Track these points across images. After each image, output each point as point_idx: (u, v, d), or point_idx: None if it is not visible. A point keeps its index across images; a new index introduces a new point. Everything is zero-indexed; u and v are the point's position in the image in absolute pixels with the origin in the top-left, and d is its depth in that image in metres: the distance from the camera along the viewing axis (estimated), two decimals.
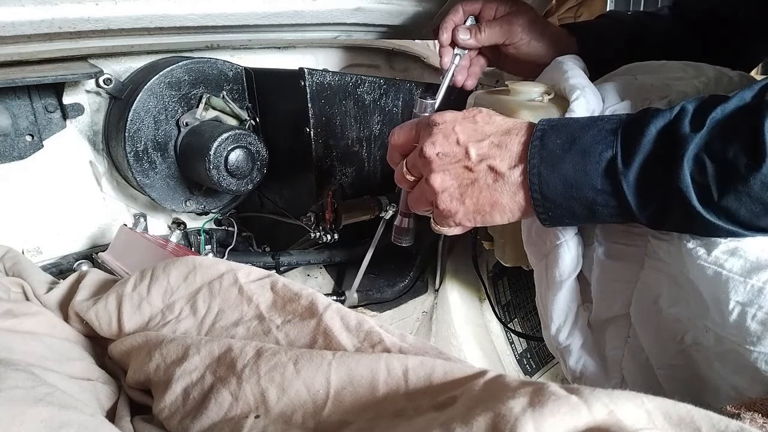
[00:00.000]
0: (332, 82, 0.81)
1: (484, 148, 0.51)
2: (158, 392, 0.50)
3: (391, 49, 1.11)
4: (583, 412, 0.32)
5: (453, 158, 0.52)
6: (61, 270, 0.87)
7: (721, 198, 0.43)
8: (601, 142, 0.47)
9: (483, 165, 0.51)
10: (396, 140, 0.58)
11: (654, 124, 0.46)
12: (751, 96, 0.45)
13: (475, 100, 0.73)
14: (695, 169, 0.44)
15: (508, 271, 1.09)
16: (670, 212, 0.47)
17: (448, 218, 0.54)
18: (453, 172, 0.52)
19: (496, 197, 0.52)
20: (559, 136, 0.49)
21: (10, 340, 0.54)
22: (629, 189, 0.46)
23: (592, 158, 0.47)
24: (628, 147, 0.46)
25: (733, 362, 0.49)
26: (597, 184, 0.47)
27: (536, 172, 0.49)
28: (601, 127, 0.48)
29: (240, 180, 0.83)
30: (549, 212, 0.50)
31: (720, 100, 0.45)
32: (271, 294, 0.56)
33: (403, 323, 1.09)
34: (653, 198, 0.46)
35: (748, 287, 0.45)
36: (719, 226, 0.45)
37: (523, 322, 1.12)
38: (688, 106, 0.46)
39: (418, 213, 0.60)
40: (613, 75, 0.68)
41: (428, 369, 0.43)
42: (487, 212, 0.53)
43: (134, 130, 0.82)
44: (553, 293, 0.61)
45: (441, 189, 0.53)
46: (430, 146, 0.53)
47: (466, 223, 0.55)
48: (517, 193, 0.51)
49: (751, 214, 0.43)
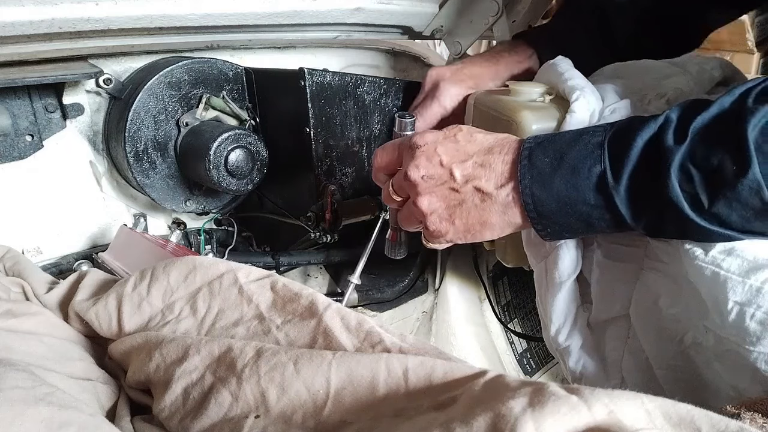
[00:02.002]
0: (332, 82, 0.81)
1: (468, 168, 0.52)
2: (158, 392, 0.50)
3: (391, 49, 1.11)
4: (583, 412, 0.32)
5: (438, 180, 0.52)
6: (61, 270, 0.87)
7: (712, 205, 0.44)
8: (588, 156, 0.47)
9: (469, 186, 0.52)
10: (379, 162, 0.59)
11: (640, 137, 0.46)
12: (730, 102, 0.45)
13: (475, 100, 0.73)
14: (683, 178, 0.44)
15: (508, 271, 1.09)
16: (665, 222, 0.47)
17: (438, 237, 0.55)
18: (439, 194, 0.53)
19: (486, 217, 0.52)
20: (546, 153, 0.49)
21: (10, 340, 0.54)
22: (622, 203, 0.47)
23: (582, 174, 0.47)
24: (615, 161, 0.46)
25: (733, 362, 0.49)
26: (590, 199, 0.47)
27: (529, 192, 0.49)
28: (587, 141, 0.48)
29: (240, 180, 0.83)
30: (547, 228, 0.51)
31: (701, 108, 0.45)
32: (271, 294, 0.56)
33: (403, 323, 1.09)
34: (647, 209, 0.47)
35: (746, 287, 0.45)
36: (714, 231, 0.45)
37: (523, 322, 1.12)
38: (671, 115, 0.46)
39: (409, 230, 0.61)
40: (601, 77, 0.68)
41: (428, 369, 0.43)
42: (478, 231, 0.53)
43: (134, 130, 0.82)
44: (553, 294, 0.61)
45: (429, 211, 0.53)
46: (414, 169, 0.53)
47: (457, 241, 0.55)
48: (506, 211, 0.51)
49: (742, 219, 0.44)
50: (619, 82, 0.65)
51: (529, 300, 1.11)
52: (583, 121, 0.59)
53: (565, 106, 0.61)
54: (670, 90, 0.61)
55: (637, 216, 0.47)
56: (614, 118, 0.59)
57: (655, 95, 0.61)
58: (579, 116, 0.59)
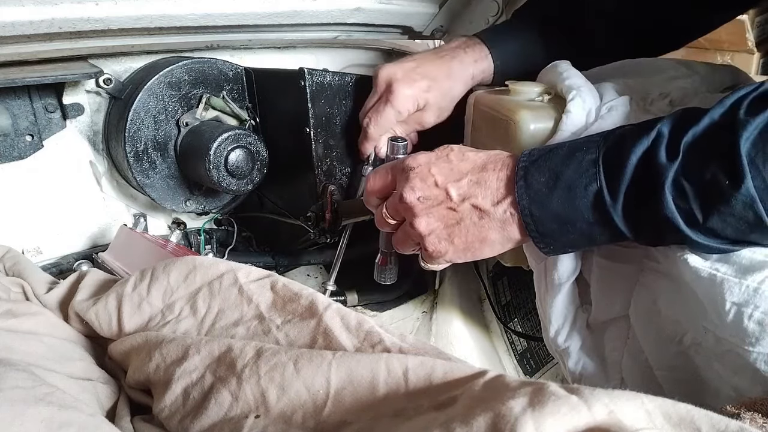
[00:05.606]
0: (332, 82, 0.81)
1: (463, 187, 0.52)
2: (158, 392, 0.50)
3: (391, 49, 1.11)
4: (583, 412, 0.32)
5: (434, 201, 0.52)
6: (61, 270, 0.87)
7: (706, 220, 0.44)
8: (583, 175, 0.47)
9: (466, 204, 0.52)
10: (372, 186, 0.58)
11: (634, 153, 0.46)
12: (720, 114, 0.44)
13: (475, 100, 0.73)
14: (677, 195, 0.44)
15: (508, 271, 1.09)
16: (663, 236, 0.47)
17: (437, 258, 0.55)
18: (437, 214, 0.53)
19: (485, 234, 0.52)
20: (542, 173, 0.49)
21: (11, 340, 0.54)
22: (620, 220, 0.47)
23: (579, 193, 0.47)
24: (611, 179, 0.46)
25: (733, 363, 0.49)
26: (589, 217, 0.48)
27: (528, 213, 0.49)
28: (581, 159, 0.48)
29: (240, 180, 0.83)
30: (550, 246, 0.51)
31: (692, 120, 0.45)
32: (271, 294, 0.56)
33: (403, 323, 1.09)
34: (645, 225, 0.47)
35: (743, 288, 0.45)
36: (711, 245, 0.45)
37: (523, 322, 1.12)
38: (663, 129, 0.46)
39: (405, 253, 0.60)
40: (606, 75, 0.68)
41: (428, 369, 0.43)
42: (477, 248, 0.53)
43: (134, 130, 0.82)
44: (552, 296, 0.61)
45: (427, 232, 0.53)
46: (410, 192, 0.53)
47: (456, 261, 0.55)
48: (504, 227, 0.51)
49: (737, 232, 0.44)
50: (621, 81, 0.65)
51: (529, 300, 1.11)
52: (580, 121, 0.59)
53: (563, 106, 0.61)
54: (674, 90, 0.61)
55: (635, 232, 0.48)
56: (611, 115, 0.59)
57: (658, 95, 0.61)
58: (575, 115, 0.59)
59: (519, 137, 0.62)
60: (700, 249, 0.47)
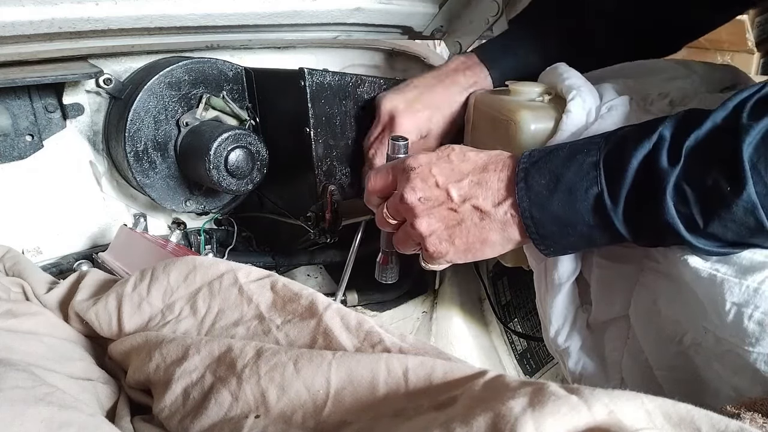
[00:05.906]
0: (332, 82, 0.81)
1: (464, 188, 0.52)
2: (158, 392, 0.50)
3: (391, 49, 1.10)
4: (583, 412, 0.32)
5: (435, 201, 0.52)
6: (61, 270, 0.86)
7: (707, 225, 0.44)
8: (584, 178, 0.47)
9: (467, 205, 0.52)
10: (373, 185, 0.58)
11: (635, 157, 0.45)
12: (723, 117, 0.44)
13: (475, 100, 0.73)
14: (678, 199, 0.44)
15: (508, 271, 1.09)
16: (664, 240, 0.48)
17: (438, 258, 0.55)
18: (438, 215, 0.53)
19: (486, 235, 0.52)
20: (542, 175, 0.49)
21: (10, 340, 0.54)
22: (620, 224, 0.47)
23: (579, 196, 0.47)
24: (612, 183, 0.46)
25: (733, 363, 0.49)
26: (589, 220, 0.48)
27: (528, 215, 0.49)
28: (582, 161, 0.48)
29: (240, 180, 0.83)
30: (551, 248, 0.51)
31: (694, 124, 0.45)
32: (271, 294, 0.56)
33: (403, 323, 1.09)
34: (645, 228, 0.47)
35: (743, 288, 0.45)
36: (711, 249, 0.46)
37: (523, 322, 1.12)
38: (665, 132, 0.46)
39: (405, 253, 0.60)
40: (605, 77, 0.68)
41: (428, 369, 0.43)
42: (478, 249, 0.53)
43: (134, 130, 0.82)
44: (552, 296, 0.61)
45: (428, 232, 0.53)
46: (411, 192, 0.53)
47: (456, 261, 0.55)
48: (505, 228, 0.51)
49: (737, 237, 0.44)
50: (621, 81, 0.65)
51: (529, 300, 1.11)
52: (580, 120, 0.59)
53: (563, 106, 0.61)
54: (674, 90, 0.61)
55: (636, 235, 0.48)
56: (611, 115, 0.59)
57: (658, 95, 0.61)
58: (575, 115, 0.59)
59: (519, 137, 0.62)
60: (700, 252, 0.47)
